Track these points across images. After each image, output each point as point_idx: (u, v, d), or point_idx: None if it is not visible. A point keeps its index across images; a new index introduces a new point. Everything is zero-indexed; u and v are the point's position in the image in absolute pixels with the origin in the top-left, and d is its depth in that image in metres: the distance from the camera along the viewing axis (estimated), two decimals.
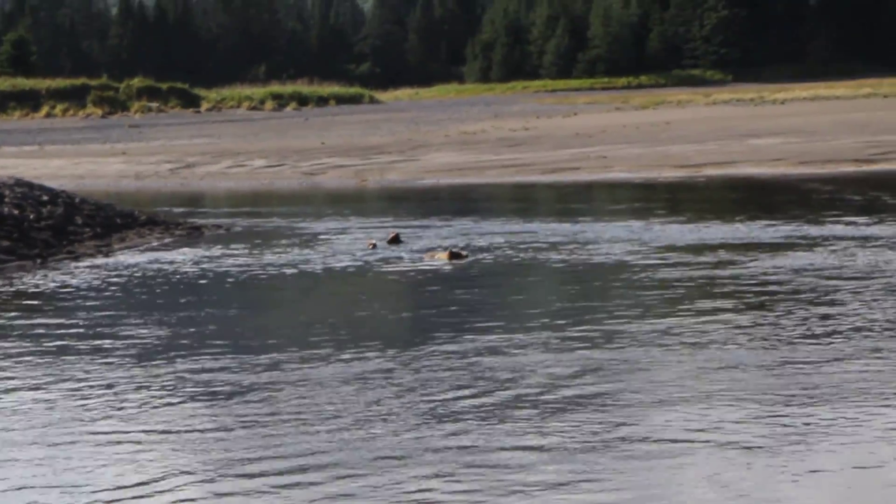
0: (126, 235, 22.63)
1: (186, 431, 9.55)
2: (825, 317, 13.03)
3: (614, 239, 20.13)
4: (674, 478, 8.20)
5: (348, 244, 20.89)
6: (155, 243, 22.12)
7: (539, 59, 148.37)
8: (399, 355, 11.93)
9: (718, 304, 14.12)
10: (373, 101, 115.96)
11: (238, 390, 10.75)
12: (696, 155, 36.33)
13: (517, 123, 57.07)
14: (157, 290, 16.74)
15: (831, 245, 18.40)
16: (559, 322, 13.38)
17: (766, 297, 14.35)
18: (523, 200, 29.39)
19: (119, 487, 8.31)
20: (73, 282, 17.66)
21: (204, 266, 18.93)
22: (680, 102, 78.23)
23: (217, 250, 20.76)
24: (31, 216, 21.72)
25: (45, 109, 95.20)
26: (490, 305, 14.86)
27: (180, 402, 10.45)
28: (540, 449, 8.80)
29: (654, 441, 8.94)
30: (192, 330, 13.68)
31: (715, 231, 20.74)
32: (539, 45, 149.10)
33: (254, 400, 10.41)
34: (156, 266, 19.07)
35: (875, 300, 13.83)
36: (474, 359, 11.66)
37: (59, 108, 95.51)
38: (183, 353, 12.44)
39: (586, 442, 8.95)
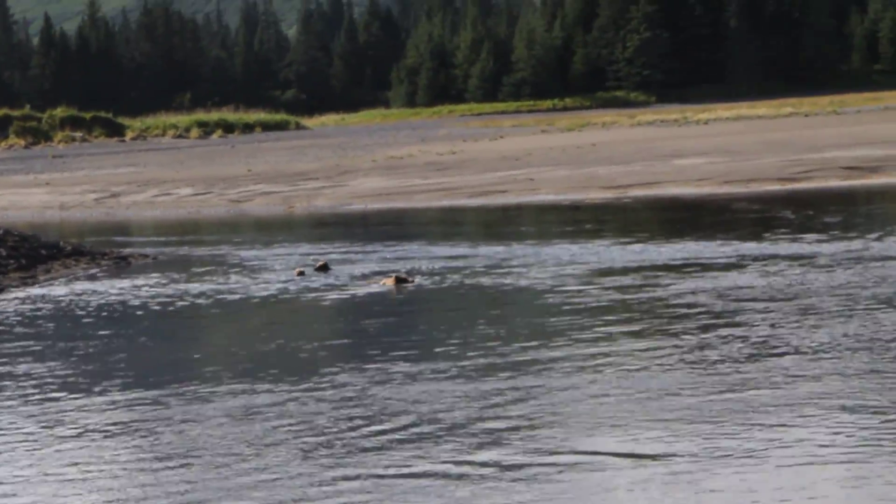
0: (51, 266, 22.39)
1: (61, 471, 9.45)
2: (745, 340, 13.16)
3: (544, 262, 20.22)
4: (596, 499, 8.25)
5: (275, 272, 20.79)
6: (81, 274, 21.89)
7: (464, 82, 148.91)
8: (295, 387, 11.76)
9: (637, 328, 14.22)
10: (299, 127, 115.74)
11: (121, 429, 10.59)
12: (622, 176, 36.60)
13: (444, 147, 57.20)
14: (75, 324, 16.55)
15: (755, 265, 18.60)
16: (474, 350, 13.38)
17: (688, 321, 14.47)
18: (453, 224, 29.45)
19: None
20: None
21: (126, 297, 18.76)
22: (605, 124, 78.80)
23: (142, 280, 20.59)
24: None
25: None
26: (404, 332, 14.84)
27: (61, 442, 10.33)
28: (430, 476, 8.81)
29: (568, 464, 8.98)
30: (94, 365, 13.50)
31: (641, 252, 20.89)
32: (464, 69, 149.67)
33: (135, 438, 10.28)
34: (78, 298, 18.87)
35: (791, 323, 13.96)
36: (372, 390, 11.49)
37: None
38: (78, 389, 12.31)
39: (495, 471, 8.97)
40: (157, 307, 17.67)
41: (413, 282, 18.41)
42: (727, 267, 18.44)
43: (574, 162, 42.80)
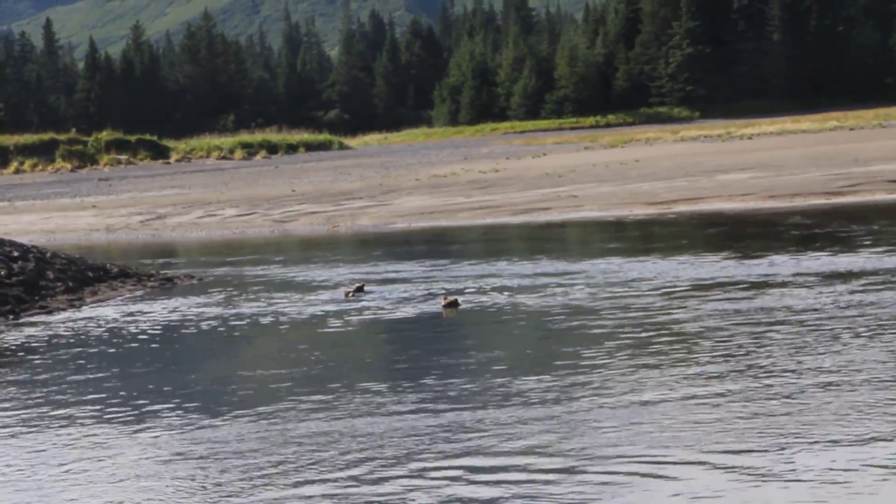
0: (98, 289, 22.54)
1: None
2: (780, 365, 13.06)
3: (590, 280, 20.16)
4: None
5: (317, 293, 20.80)
6: (127, 296, 22.03)
7: (507, 100, 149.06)
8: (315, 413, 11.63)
9: (688, 347, 14.14)
10: (342, 147, 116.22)
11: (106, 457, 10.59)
12: (666, 192, 36.48)
13: (487, 165, 57.24)
14: (120, 346, 16.60)
15: (800, 283, 18.46)
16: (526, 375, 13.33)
17: (748, 340, 14.37)
18: (497, 242, 29.42)
19: None
20: (41, 338, 17.56)
21: (170, 319, 18.83)
22: (648, 140, 78.62)
23: (187, 301, 20.68)
24: (2, 272, 21.62)
25: (13, 165, 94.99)
26: (450, 354, 14.80)
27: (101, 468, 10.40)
28: None
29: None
30: (133, 389, 13.53)
31: (688, 269, 20.77)
32: (506, 87, 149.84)
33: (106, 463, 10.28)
34: (124, 320, 18.98)
35: (840, 343, 13.85)
36: (344, 422, 11.21)
37: (27, 163, 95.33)
38: (111, 414, 12.41)
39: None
40: (199, 329, 17.73)
41: (460, 304, 18.19)
42: (779, 284, 18.29)
43: (617, 178, 42.71)
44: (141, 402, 12.74)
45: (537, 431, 10.33)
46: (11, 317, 19.74)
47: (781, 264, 20.26)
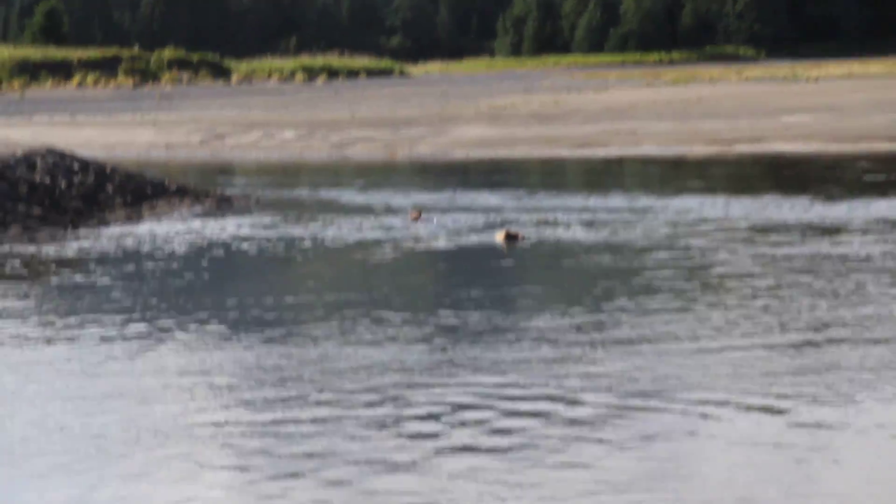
0: (156, 204, 22.69)
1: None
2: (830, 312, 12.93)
3: (650, 218, 20.03)
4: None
5: (371, 218, 20.82)
6: (184, 212, 22.16)
7: (570, 33, 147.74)
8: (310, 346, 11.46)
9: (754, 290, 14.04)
10: (403, 74, 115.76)
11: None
12: (728, 131, 36.14)
13: (547, 98, 56.88)
14: (171, 261, 16.72)
15: (864, 229, 18.26)
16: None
17: (806, 287, 14.25)
18: (554, 175, 29.29)
19: None
20: (94, 250, 17.71)
21: (224, 237, 18.93)
22: (712, 79, 77.74)
23: (241, 221, 20.78)
24: (63, 185, 21.82)
25: (76, 79, 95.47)
26: (506, 287, 14.76)
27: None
28: None
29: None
30: (175, 302, 13.65)
31: (750, 210, 20.59)
32: (570, 20, 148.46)
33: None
34: (176, 236, 19.09)
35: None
36: (350, 349, 11.14)
37: (90, 77, 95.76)
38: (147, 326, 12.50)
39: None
40: (247, 250, 17.78)
41: (523, 238, 17.89)
42: (843, 230, 18.09)
43: (679, 116, 42.32)
44: (169, 319, 12.79)
45: (563, 374, 10.23)
46: (70, 227, 19.94)
47: (847, 209, 20.00)
